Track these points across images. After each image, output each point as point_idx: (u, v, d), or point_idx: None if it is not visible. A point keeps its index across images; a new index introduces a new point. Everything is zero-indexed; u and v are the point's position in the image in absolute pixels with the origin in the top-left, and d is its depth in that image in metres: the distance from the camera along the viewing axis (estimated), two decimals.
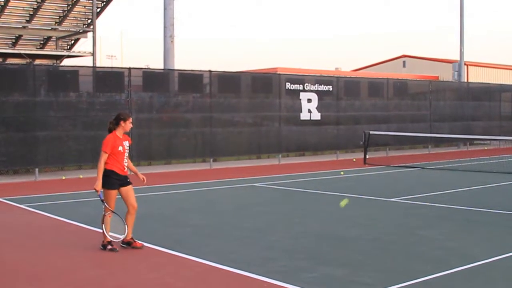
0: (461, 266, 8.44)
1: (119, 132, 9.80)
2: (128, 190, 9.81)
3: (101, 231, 9.81)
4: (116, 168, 9.68)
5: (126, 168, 9.86)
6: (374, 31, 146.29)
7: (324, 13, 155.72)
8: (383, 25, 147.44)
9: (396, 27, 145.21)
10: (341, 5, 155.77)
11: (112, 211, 9.67)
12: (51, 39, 36.49)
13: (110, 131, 9.81)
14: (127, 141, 9.93)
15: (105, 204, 9.67)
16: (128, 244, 9.76)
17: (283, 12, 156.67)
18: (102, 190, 9.64)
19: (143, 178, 10.10)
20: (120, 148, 9.70)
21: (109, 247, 9.64)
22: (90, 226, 11.66)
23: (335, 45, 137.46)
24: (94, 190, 9.65)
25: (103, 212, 9.70)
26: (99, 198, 9.71)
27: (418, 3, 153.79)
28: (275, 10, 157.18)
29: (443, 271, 8.17)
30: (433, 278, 7.89)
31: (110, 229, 9.71)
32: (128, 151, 9.89)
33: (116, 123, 9.81)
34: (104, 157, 9.59)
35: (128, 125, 9.86)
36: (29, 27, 33.41)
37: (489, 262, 8.70)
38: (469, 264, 8.55)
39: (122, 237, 9.66)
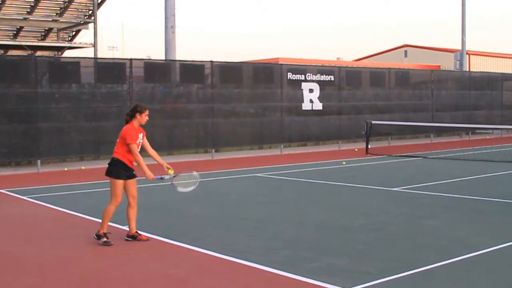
0: (463, 255, 8.45)
1: (135, 123, 9.71)
2: (133, 183, 9.75)
3: (100, 221, 9.80)
4: (126, 159, 9.61)
5: (134, 162, 9.70)
6: (375, 21, 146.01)
7: (326, 3, 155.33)
8: (384, 15, 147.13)
9: (397, 17, 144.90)
10: None
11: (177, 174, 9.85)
12: (52, 31, 36.46)
13: (127, 122, 9.72)
14: (142, 134, 9.82)
15: (165, 177, 9.74)
16: (133, 237, 9.76)
17: (285, 2, 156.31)
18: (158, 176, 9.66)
19: (169, 167, 10.00)
20: (140, 140, 9.69)
21: (104, 239, 9.56)
22: (93, 217, 11.67)
23: (337, 35, 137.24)
24: (152, 179, 9.61)
25: (112, 200, 9.62)
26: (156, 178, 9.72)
27: None
28: (276, 1, 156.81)
29: (446, 260, 8.18)
30: (435, 267, 7.90)
31: (181, 188, 9.88)
32: (140, 145, 9.78)
33: (132, 114, 9.71)
34: (134, 149, 9.51)
35: (144, 118, 9.72)
36: (30, 18, 33.36)
37: (492, 251, 8.71)
38: (472, 253, 8.56)
39: (191, 188, 9.89)
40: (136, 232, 9.80)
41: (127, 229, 9.92)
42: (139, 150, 9.67)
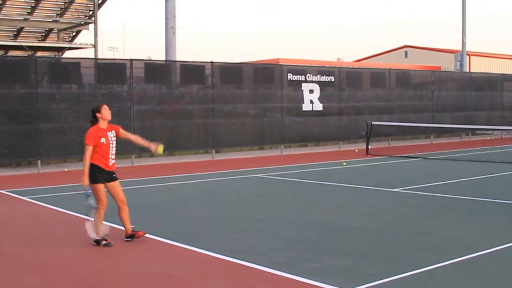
0: (464, 256, 8.45)
1: (102, 124, 9.60)
2: (115, 186, 9.62)
3: (103, 222, 9.79)
4: (100, 162, 9.45)
5: (111, 163, 9.58)
6: (376, 21, 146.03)
7: (326, 3, 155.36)
8: (385, 15, 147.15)
9: (398, 17, 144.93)
10: None
11: (101, 210, 9.55)
12: (53, 31, 36.45)
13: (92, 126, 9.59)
14: (113, 131, 9.70)
15: (89, 200, 9.54)
16: (131, 237, 9.74)
17: (285, 2, 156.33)
18: (89, 185, 9.44)
19: (153, 147, 10.03)
20: (103, 140, 9.47)
21: (103, 242, 9.49)
22: (93, 218, 11.64)
23: (337, 36, 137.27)
24: (83, 186, 9.45)
25: (93, 209, 9.55)
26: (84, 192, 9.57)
27: None
28: (276, 0, 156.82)
29: (446, 260, 8.18)
30: (436, 267, 7.90)
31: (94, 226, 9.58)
32: (114, 143, 9.65)
33: (93, 117, 9.64)
34: (88, 150, 9.37)
35: (105, 113, 9.61)
36: (31, 19, 33.36)
37: (492, 251, 8.70)
38: (472, 253, 8.55)
39: (100, 236, 9.51)
40: (133, 230, 9.77)
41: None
42: (113, 149, 9.57)
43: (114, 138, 9.66)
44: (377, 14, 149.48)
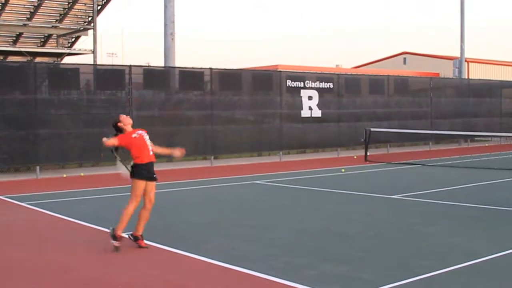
0: (463, 262, 8.44)
1: (128, 129, 10.21)
2: (153, 186, 10.17)
3: (99, 228, 9.79)
4: (144, 157, 10.04)
5: (151, 153, 10.13)
6: (375, 28, 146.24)
7: (325, 10, 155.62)
8: (383, 22, 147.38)
9: (396, 24, 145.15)
10: (342, 3, 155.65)
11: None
12: (52, 37, 36.53)
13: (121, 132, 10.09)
14: (141, 131, 10.30)
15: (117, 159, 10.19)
16: (135, 238, 9.77)
17: (284, 9, 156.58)
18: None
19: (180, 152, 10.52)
20: (135, 135, 10.09)
21: (116, 243, 9.53)
22: (92, 224, 11.66)
23: (336, 42, 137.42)
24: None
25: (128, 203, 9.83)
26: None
27: (419, 0, 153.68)
28: (275, 7, 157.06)
29: (445, 267, 8.17)
30: (435, 274, 7.88)
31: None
32: (147, 139, 10.21)
33: (116, 129, 10.21)
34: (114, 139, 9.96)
35: (124, 119, 10.22)
36: (30, 25, 33.43)
37: (491, 258, 8.69)
38: (471, 260, 8.54)
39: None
40: (141, 235, 9.79)
41: (125, 235, 9.87)
42: (149, 145, 10.10)
43: (146, 136, 10.18)
44: (376, 20, 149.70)
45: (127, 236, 9.86)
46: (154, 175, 9.99)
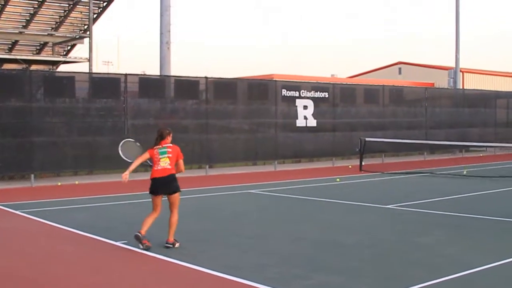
0: (457, 273, 8.45)
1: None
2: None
3: (94, 236, 9.78)
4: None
5: None
6: (370, 38, 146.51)
7: (321, 20, 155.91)
8: (379, 32, 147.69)
9: (392, 34, 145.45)
10: (337, 12, 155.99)
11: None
12: (48, 45, 36.49)
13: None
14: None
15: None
16: (172, 244, 10.30)
17: (279, 19, 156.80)
18: None
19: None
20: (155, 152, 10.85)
21: (140, 246, 10.02)
22: (86, 233, 11.64)
23: (331, 52, 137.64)
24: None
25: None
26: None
27: (414, 10, 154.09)
28: (271, 16, 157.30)
29: (439, 278, 8.18)
30: (429, 285, 7.90)
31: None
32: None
33: (163, 137, 11.08)
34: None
35: (169, 139, 11.16)
36: (26, 32, 33.41)
37: (485, 269, 8.71)
38: (465, 271, 8.56)
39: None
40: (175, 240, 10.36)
41: (120, 244, 9.94)
42: (166, 160, 10.79)
43: (164, 151, 11.00)
44: (371, 30, 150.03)
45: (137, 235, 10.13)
46: (157, 190, 10.55)
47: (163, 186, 10.43)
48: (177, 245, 10.24)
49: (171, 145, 10.80)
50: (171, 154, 10.62)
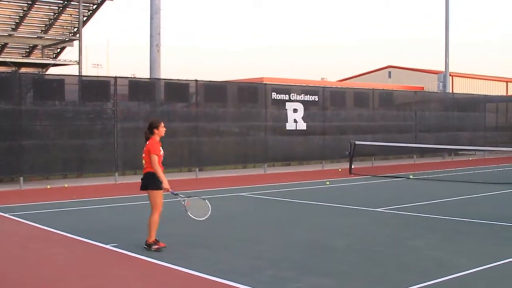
0: (446, 276, 8.47)
1: (156, 137, 10.58)
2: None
3: (84, 239, 9.77)
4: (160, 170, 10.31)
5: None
6: (360, 42, 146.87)
7: (311, 23, 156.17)
8: (369, 36, 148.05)
9: (381, 38, 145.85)
10: (327, 16, 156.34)
11: (200, 197, 10.68)
12: (37, 48, 36.37)
13: (148, 139, 10.53)
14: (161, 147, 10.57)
15: (180, 197, 10.47)
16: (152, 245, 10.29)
17: (270, 22, 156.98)
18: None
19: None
20: (162, 152, 10.47)
21: (155, 246, 10.15)
22: (75, 236, 11.60)
23: (321, 55, 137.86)
24: (167, 191, 10.26)
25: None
26: (172, 194, 10.46)
27: (403, 14, 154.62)
28: (261, 20, 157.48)
29: (428, 281, 8.20)
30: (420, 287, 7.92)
31: (191, 213, 10.49)
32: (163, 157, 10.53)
33: (150, 132, 10.56)
34: (156, 159, 10.29)
35: (162, 130, 10.68)
36: (15, 35, 33.29)
37: (474, 272, 8.74)
38: (455, 274, 8.58)
39: (202, 219, 10.42)
40: (156, 240, 10.34)
41: (110, 247, 9.96)
42: (161, 162, 10.46)
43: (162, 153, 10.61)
44: (361, 34, 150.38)
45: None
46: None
47: (141, 184, 10.51)
48: (154, 248, 10.16)
49: (148, 142, 10.59)
50: (145, 153, 10.58)
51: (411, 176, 19.51)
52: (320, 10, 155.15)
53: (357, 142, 26.10)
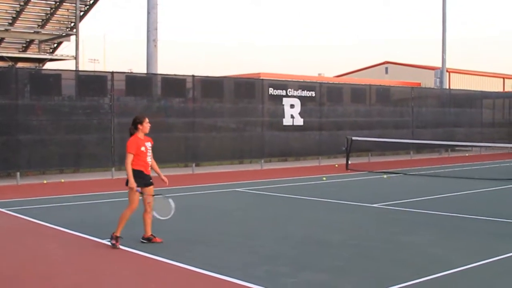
0: (441, 272, 8.49)
1: (140, 134, 10.34)
2: (152, 190, 10.37)
3: (80, 234, 9.78)
4: (142, 167, 10.25)
5: (149, 168, 10.38)
6: (357, 37, 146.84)
7: (308, 19, 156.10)
8: (366, 32, 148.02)
9: (379, 33, 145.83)
10: (325, 12, 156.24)
11: (164, 196, 10.40)
12: (34, 42, 36.36)
13: (132, 135, 10.33)
14: (149, 142, 10.48)
15: (144, 196, 10.28)
16: (148, 240, 10.34)
17: (267, 17, 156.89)
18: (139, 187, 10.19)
19: (166, 180, 10.67)
20: (143, 148, 10.23)
21: (113, 241, 10.08)
22: (72, 231, 11.62)
23: (318, 51, 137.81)
24: (131, 188, 10.11)
25: (128, 206, 10.26)
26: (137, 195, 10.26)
27: (401, 11, 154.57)
28: (258, 15, 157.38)
29: (424, 277, 8.22)
30: (414, 284, 7.93)
31: (155, 211, 10.34)
32: (150, 151, 10.43)
33: (135, 127, 10.35)
34: (130, 158, 10.15)
35: (146, 126, 10.41)
36: (12, 30, 33.27)
37: (469, 268, 8.76)
38: (449, 270, 8.61)
39: (165, 218, 10.29)
40: (151, 235, 10.41)
41: (106, 242, 10.02)
42: (149, 156, 10.35)
43: (150, 147, 10.48)
44: (358, 30, 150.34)
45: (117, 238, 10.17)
46: (150, 180, 10.39)
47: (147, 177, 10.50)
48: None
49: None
50: None
51: (384, 176, 19.39)
52: (317, 7, 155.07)
53: (353, 138, 26.12)
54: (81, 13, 33.41)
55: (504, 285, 8.11)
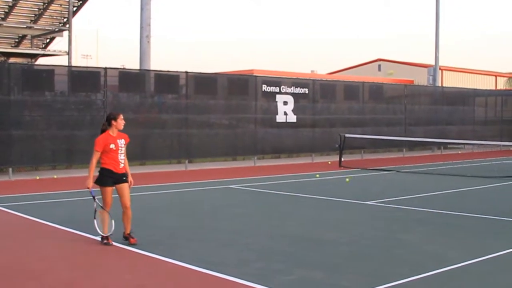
0: (436, 269, 8.49)
1: (112, 131, 10.13)
2: (123, 188, 10.12)
3: (73, 230, 9.75)
4: (111, 165, 9.99)
5: (121, 166, 10.10)
6: (350, 35, 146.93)
7: (301, 16, 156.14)
8: (359, 29, 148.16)
9: (372, 31, 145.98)
10: (318, 8, 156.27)
11: (106, 211, 10.03)
12: (26, 38, 36.22)
13: (103, 131, 10.12)
14: (123, 139, 10.22)
15: (96, 202, 10.04)
16: (126, 238, 10.15)
17: (260, 14, 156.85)
18: (96, 189, 9.97)
19: (131, 181, 10.35)
20: (112, 146, 9.96)
21: (105, 241, 10.00)
22: (65, 227, 11.57)
23: (311, 48, 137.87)
24: (87, 188, 9.94)
25: (95, 208, 10.11)
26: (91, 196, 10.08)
27: (394, 9, 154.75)
28: (252, 12, 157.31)
29: (420, 274, 8.21)
30: (409, 281, 7.92)
31: (97, 222, 10.09)
32: (123, 149, 10.15)
33: (108, 123, 10.15)
34: (95, 156, 9.96)
35: (120, 122, 10.18)
36: (4, 25, 33.12)
37: (464, 265, 8.76)
38: (445, 267, 8.60)
39: (106, 234, 9.98)
40: (129, 234, 10.15)
41: (99, 239, 10.03)
42: (121, 154, 10.10)
43: (124, 145, 10.20)
44: (351, 27, 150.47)
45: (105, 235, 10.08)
46: (124, 178, 10.14)
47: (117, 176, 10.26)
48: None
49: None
50: None
51: (347, 180, 19.41)
52: (310, 4, 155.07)
53: (346, 135, 26.12)
54: (74, 9, 33.28)
55: (500, 282, 8.10)
